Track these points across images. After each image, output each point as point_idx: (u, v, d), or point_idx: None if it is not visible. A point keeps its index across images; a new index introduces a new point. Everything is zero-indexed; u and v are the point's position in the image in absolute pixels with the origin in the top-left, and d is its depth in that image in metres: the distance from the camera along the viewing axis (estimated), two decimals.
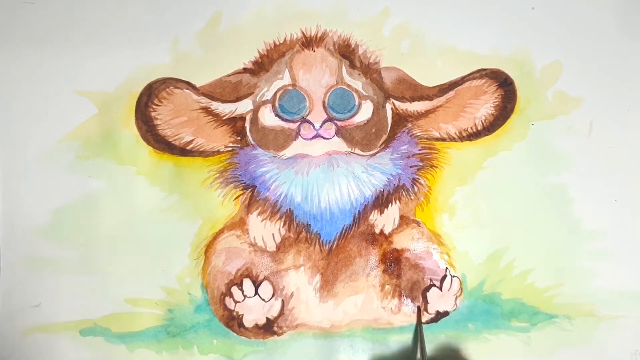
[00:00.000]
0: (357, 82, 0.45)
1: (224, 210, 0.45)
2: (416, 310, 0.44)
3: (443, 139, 0.45)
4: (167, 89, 0.44)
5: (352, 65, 0.45)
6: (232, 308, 0.44)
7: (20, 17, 0.44)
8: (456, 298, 0.45)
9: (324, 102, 0.45)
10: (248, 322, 0.44)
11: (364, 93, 0.45)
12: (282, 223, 0.45)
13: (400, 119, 0.45)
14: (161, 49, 0.45)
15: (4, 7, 0.44)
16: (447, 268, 0.45)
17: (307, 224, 0.45)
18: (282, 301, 0.45)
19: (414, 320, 0.45)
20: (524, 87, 0.45)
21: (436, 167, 0.45)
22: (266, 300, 0.44)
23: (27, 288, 0.44)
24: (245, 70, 0.45)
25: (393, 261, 0.45)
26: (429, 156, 0.45)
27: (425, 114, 0.45)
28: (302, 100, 0.45)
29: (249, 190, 0.45)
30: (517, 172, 0.45)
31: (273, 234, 0.45)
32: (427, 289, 0.45)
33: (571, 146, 0.45)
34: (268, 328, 0.44)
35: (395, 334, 0.45)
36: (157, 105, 0.44)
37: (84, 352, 0.44)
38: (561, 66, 0.46)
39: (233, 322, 0.44)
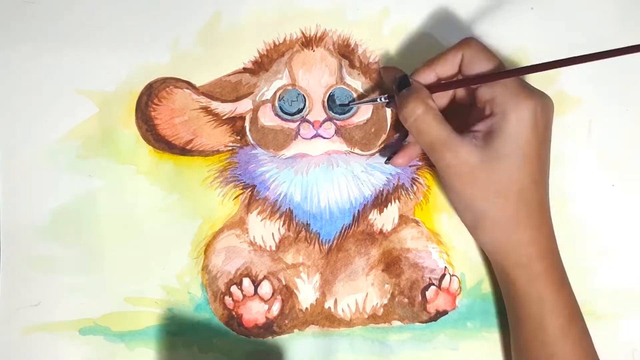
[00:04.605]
0: (356, 82, 0.45)
1: (223, 210, 0.45)
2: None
3: None
4: (167, 89, 0.44)
5: (352, 65, 0.45)
6: (232, 307, 0.44)
7: (20, 16, 0.45)
8: (455, 297, 0.45)
9: (323, 101, 0.45)
10: (247, 321, 0.44)
11: (364, 93, 0.45)
12: (281, 222, 0.45)
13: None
14: (161, 49, 0.45)
15: (4, 7, 0.45)
16: (446, 267, 0.45)
17: (307, 224, 0.45)
18: (282, 300, 0.45)
19: (413, 321, 0.45)
20: None
21: (435, 166, 0.45)
22: (266, 299, 0.44)
23: (27, 287, 0.44)
24: (245, 69, 0.45)
25: (392, 260, 0.45)
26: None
27: None
28: (301, 100, 0.45)
29: (249, 189, 0.45)
30: None
31: (272, 233, 0.45)
32: (426, 287, 0.45)
33: (570, 146, 0.45)
34: (268, 327, 0.44)
35: (395, 333, 0.45)
36: (157, 104, 0.44)
37: (84, 351, 0.44)
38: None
39: (233, 321, 0.44)
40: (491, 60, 0.38)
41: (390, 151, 0.44)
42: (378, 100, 0.42)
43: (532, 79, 0.45)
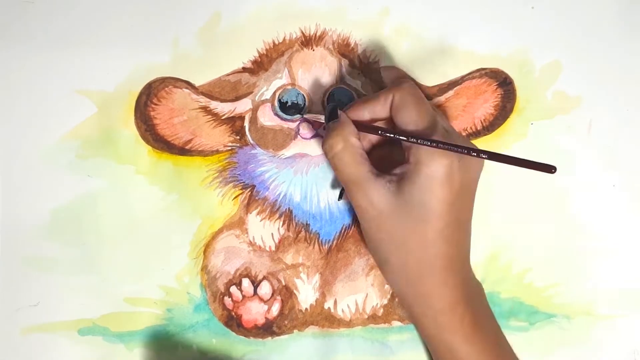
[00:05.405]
0: (356, 82, 0.45)
1: (223, 210, 0.45)
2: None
3: None
4: (166, 88, 0.44)
5: (352, 65, 0.45)
6: (231, 308, 0.44)
7: (20, 16, 0.45)
8: None
9: (323, 101, 0.45)
10: (247, 322, 0.44)
11: (364, 92, 0.45)
12: (281, 222, 0.45)
13: None
14: (161, 49, 0.45)
15: (4, 7, 0.45)
16: None
17: (307, 224, 0.45)
18: (282, 301, 0.44)
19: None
20: (524, 87, 0.45)
21: None
22: (265, 300, 0.44)
23: (26, 287, 0.44)
24: (244, 69, 0.45)
25: None
26: None
27: None
28: (301, 100, 0.45)
29: (248, 189, 0.45)
30: (516, 171, 0.45)
31: (272, 234, 0.45)
32: None
33: (570, 145, 0.45)
34: (267, 328, 0.44)
35: (395, 333, 0.45)
36: (156, 104, 0.44)
37: (83, 352, 0.44)
38: (561, 66, 0.46)
39: (232, 321, 0.44)
40: (417, 106, 0.37)
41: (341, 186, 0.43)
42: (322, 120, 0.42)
43: (532, 78, 0.45)
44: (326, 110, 0.40)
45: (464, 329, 0.38)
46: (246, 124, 0.45)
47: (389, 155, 0.40)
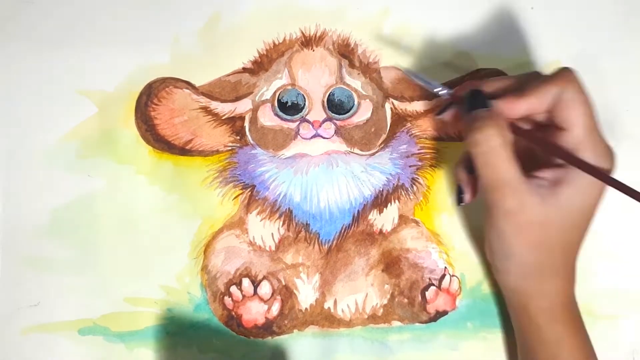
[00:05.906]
0: (356, 82, 0.45)
1: (223, 210, 0.45)
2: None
3: (442, 139, 0.45)
4: (167, 89, 0.44)
5: (352, 65, 0.45)
6: (231, 307, 0.44)
7: (20, 16, 0.45)
8: (455, 297, 0.45)
9: (323, 101, 0.45)
10: (247, 321, 0.44)
11: (363, 92, 0.45)
12: (281, 222, 0.45)
13: (400, 119, 0.45)
14: (161, 49, 0.45)
15: (4, 7, 0.45)
16: (446, 267, 0.45)
17: (307, 224, 0.45)
18: (282, 300, 0.45)
19: (413, 321, 0.45)
20: None
21: (435, 166, 0.45)
22: (265, 299, 0.44)
23: (26, 287, 0.44)
24: (244, 69, 0.45)
25: (392, 260, 0.45)
26: (428, 156, 0.45)
27: (425, 113, 0.45)
28: (301, 100, 0.45)
29: (248, 189, 0.45)
30: None
31: (272, 234, 0.45)
32: (426, 288, 0.45)
33: None
34: (267, 328, 0.44)
35: (395, 333, 0.45)
36: (156, 104, 0.44)
37: (83, 352, 0.44)
38: (560, 66, 0.45)
39: (232, 321, 0.44)
40: (587, 107, 0.35)
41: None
42: (438, 90, 0.38)
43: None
44: (468, 92, 0.35)
45: (574, 321, 0.39)
46: (246, 124, 0.45)
47: (523, 155, 0.36)
